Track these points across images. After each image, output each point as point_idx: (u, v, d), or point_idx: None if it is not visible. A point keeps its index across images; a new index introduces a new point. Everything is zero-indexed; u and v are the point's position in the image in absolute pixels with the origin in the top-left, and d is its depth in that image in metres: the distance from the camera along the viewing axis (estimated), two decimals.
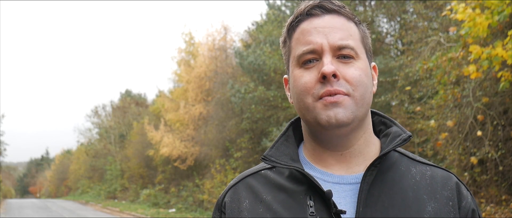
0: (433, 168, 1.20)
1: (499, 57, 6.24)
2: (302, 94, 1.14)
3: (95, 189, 43.83)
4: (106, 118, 44.64)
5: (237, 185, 1.23)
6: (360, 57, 1.15)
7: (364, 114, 1.15)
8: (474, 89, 8.63)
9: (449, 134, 9.15)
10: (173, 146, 23.68)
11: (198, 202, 22.08)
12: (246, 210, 1.17)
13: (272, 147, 1.22)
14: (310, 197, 1.12)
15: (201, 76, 23.28)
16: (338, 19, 1.16)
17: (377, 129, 1.25)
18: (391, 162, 1.17)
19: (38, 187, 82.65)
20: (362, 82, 1.13)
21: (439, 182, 1.17)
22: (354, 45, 1.14)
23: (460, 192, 1.16)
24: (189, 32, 25.42)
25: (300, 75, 1.15)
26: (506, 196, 8.71)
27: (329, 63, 1.11)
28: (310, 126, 1.18)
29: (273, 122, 16.95)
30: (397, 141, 1.15)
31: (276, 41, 17.20)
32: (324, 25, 1.15)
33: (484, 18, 6.38)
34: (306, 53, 1.14)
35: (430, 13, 12.04)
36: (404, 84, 11.04)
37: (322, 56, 1.13)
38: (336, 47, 1.13)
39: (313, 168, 1.18)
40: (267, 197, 1.16)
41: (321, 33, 1.14)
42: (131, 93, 47.46)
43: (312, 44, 1.14)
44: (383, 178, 1.14)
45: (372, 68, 1.22)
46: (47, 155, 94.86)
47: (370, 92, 1.16)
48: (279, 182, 1.18)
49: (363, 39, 1.19)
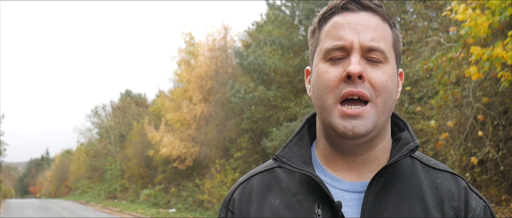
0: (445, 174, 1.15)
1: (500, 58, 6.23)
2: (323, 92, 1.09)
3: (95, 189, 43.82)
4: (106, 118, 44.61)
5: (245, 183, 1.19)
6: (389, 62, 1.10)
7: (384, 122, 1.10)
8: (474, 89, 8.63)
9: (450, 134, 9.14)
10: (173, 146, 23.67)
11: (198, 202, 22.08)
12: (254, 213, 1.14)
13: (285, 146, 1.18)
14: (318, 205, 1.09)
15: (202, 76, 23.29)
16: (373, 18, 1.11)
17: (391, 130, 1.20)
18: (401, 169, 1.13)
19: (38, 187, 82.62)
20: (387, 88, 1.08)
21: (448, 192, 1.12)
22: (384, 48, 1.09)
23: (469, 203, 1.11)
24: (189, 32, 25.42)
25: (324, 70, 1.10)
26: (506, 196, 8.71)
27: (356, 63, 1.06)
28: (325, 128, 1.13)
29: (273, 122, 16.95)
30: (404, 151, 1.10)
31: (276, 41, 17.20)
32: (358, 22, 1.09)
33: (485, 19, 6.37)
34: (335, 49, 1.09)
35: (430, 13, 12.04)
36: (404, 84, 11.02)
37: (351, 54, 1.08)
38: (367, 47, 1.08)
39: (324, 172, 1.14)
40: (275, 201, 1.13)
41: (353, 29, 1.09)
42: (131, 93, 47.44)
43: (343, 40, 1.08)
44: (390, 187, 1.10)
45: (399, 74, 1.17)
46: (47, 155, 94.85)
47: (393, 100, 1.11)
48: (289, 185, 1.14)
49: (395, 43, 1.14)
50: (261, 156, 18.13)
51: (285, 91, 17.06)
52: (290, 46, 17.06)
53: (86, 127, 60.71)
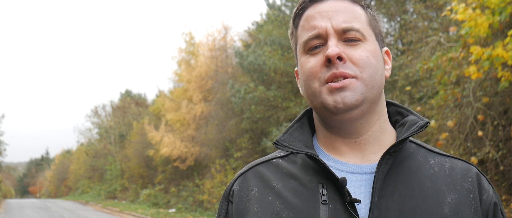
0: (452, 159, 1.15)
1: (500, 57, 6.23)
2: (308, 80, 1.11)
3: (95, 189, 43.82)
4: (106, 118, 44.63)
5: (246, 173, 1.18)
6: (368, 39, 1.12)
7: (375, 96, 1.11)
8: (474, 89, 8.62)
9: (450, 134, 9.14)
10: (173, 146, 23.67)
11: (198, 202, 22.08)
12: (255, 198, 1.12)
13: (285, 132, 1.18)
14: (323, 185, 1.07)
15: (202, 76, 23.29)
16: (341, 2, 1.13)
17: (393, 120, 1.20)
18: (408, 152, 1.13)
19: (38, 187, 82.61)
20: (370, 63, 1.09)
21: (459, 173, 1.12)
22: (359, 27, 1.11)
23: (481, 184, 1.12)
24: (189, 32, 25.42)
25: (306, 61, 1.12)
26: (506, 196, 8.71)
27: (333, 46, 1.08)
28: (319, 113, 1.14)
29: (273, 122, 16.95)
30: (414, 128, 1.11)
31: (276, 41, 17.20)
32: (328, 9, 1.12)
33: (485, 18, 6.37)
34: (311, 38, 1.12)
35: (430, 13, 12.04)
36: (404, 84, 11.03)
37: (327, 40, 1.10)
38: (341, 29, 1.10)
39: (326, 157, 1.14)
40: (278, 185, 1.11)
41: (325, 17, 1.11)
42: (131, 93, 47.42)
43: (316, 29, 1.11)
44: (399, 167, 1.09)
45: (385, 52, 1.18)
46: (47, 155, 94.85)
47: (381, 75, 1.12)
48: (291, 170, 1.13)
49: (370, 21, 1.15)
50: (261, 156, 17.97)
51: (285, 91, 17.06)
52: (290, 46, 16.96)
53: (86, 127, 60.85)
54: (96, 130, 46.26)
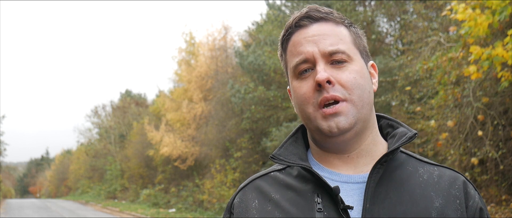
0: (441, 168, 1.21)
1: (500, 57, 6.23)
2: (303, 105, 1.17)
3: (95, 189, 43.80)
4: (106, 118, 44.60)
5: (246, 187, 1.25)
6: (353, 59, 1.17)
7: (366, 114, 1.17)
8: (474, 89, 8.62)
9: (450, 134, 9.14)
10: (173, 146, 23.66)
11: (198, 202, 22.06)
12: (255, 209, 1.19)
13: (280, 147, 1.25)
14: (318, 194, 1.14)
15: (202, 75, 23.29)
16: (326, 26, 1.18)
17: (385, 132, 1.27)
18: (398, 162, 1.19)
19: (38, 187, 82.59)
20: (358, 84, 1.15)
21: (447, 181, 1.18)
22: (345, 48, 1.16)
23: (468, 191, 1.17)
24: (189, 32, 25.43)
25: (298, 86, 1.18)
26: (506, 196, 8.70)
27: (322, 71, 1.13)
28: (314, 135, 1.21)
29: (273, 122, 16.94)
30: (404, 139, 1.17)
31: (276, 41, 17.19)
32: (313, 33, 1.17)
33: (485, 18, 6.37)
34: (299, 63, 1.17)
35: (430, 13, 12.03)
36: (404, 84, 11.03)
37: (316, 64, 1.15)
38: (327, 53, 1.15)
39: (321, 168, 1.20)
40: (276, 196, 1.18)
41: (310, 42, 1.16)
42: (131, 93, 47.42)
43: (303, 54, 1.16)
44: (390, 176, 1.16)
45: (371, 66, 1.24)
46: (47, 155, 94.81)
47: (368, 92, 1.18)
48: (288, 182, 1.20)
49: (355, 40, 1.20)
50: (261, 156, 18.13)
51: (285, 91, 17.03)
52: None
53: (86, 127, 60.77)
54: (96, 130, 46.27)
